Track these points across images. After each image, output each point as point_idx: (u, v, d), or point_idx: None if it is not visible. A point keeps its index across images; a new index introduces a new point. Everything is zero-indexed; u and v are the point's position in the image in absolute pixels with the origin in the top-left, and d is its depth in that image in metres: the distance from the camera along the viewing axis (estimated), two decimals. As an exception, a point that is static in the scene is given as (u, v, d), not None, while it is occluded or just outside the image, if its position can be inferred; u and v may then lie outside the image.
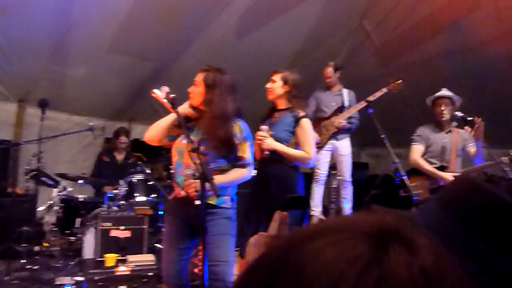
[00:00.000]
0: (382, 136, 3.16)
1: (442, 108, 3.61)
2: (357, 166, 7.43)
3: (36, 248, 4.09)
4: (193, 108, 2.50)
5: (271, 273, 0.40)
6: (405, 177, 3.03)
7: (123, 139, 5.02)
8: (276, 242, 0.44)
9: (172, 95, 2.42)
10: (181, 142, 2.41)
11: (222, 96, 2.41)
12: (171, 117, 2.46)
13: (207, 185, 2.08)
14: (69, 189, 4.26)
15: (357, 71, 6.06)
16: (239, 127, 2.46)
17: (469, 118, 3.33)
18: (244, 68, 5.81)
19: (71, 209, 4.19)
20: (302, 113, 2.85)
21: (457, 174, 3.48)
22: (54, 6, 4.18)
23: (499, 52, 4.90)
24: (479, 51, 4.99)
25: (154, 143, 2.55)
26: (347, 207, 4.43)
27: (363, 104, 4.06)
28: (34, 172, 4.00)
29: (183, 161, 2.39)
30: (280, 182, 2.71)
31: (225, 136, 2.38)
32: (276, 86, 2.89)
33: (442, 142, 3.68)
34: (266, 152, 2.77)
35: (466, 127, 3.55)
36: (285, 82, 2.88)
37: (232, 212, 2.44)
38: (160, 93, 2.46)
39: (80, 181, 4.30)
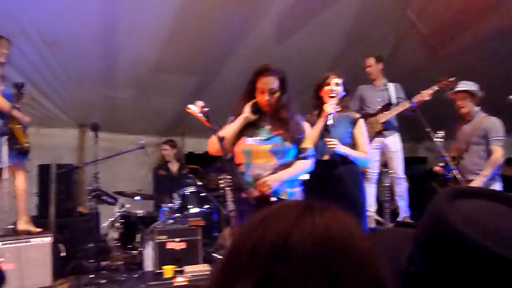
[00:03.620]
0: (427, 129, 3.01)
1: (459, 102, 3.67)
2: (414, 161, 7.11)
3: (103, 263, 4.34)
4: (256, 110, 2.52)
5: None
6: (455, 171, 2.86)
7: (166, 149, 5.22)
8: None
9: (205, 109, 2.48)
10: (246, 144, 2.46)
11: (292, 93, 2.53)
12: (233, 127, 2.51)
13: (244, 194, 2.12)
14: (127, 205, 4.48)
15: (405, 63, 5.82)
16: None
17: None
18: (288, 73, 5.80)
19: (131, 225, 4.41)
20: (357, 115, 2.99)
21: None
22: (101, 34, 4.44)
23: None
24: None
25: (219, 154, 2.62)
26: (402, 204, 4.25)
27: (409, 102, 3.91)
28: (96, 192, 4.26)
29: (253, 161, 2.43)
30: (349, 181, 2.80)
31: (298, 128, 2.47)
32: (340, 89, 2.97)
33: (464, 133, 3.71)
34: (326, 156, 2.84)
35: None
36: (342, 85, 2.98)
37: None
38: (195, 108, 2.53)
39: (137, 198, 4.50)
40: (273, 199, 2.25)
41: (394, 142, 4.33)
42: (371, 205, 4.29)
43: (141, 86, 5.31)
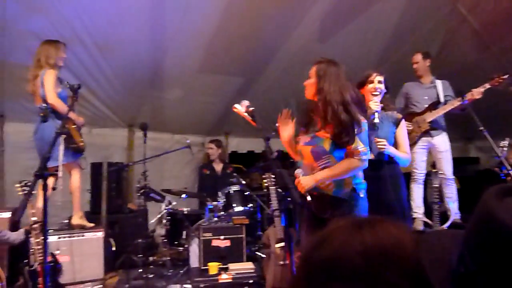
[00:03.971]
0: (481, 128, 2.89)
1: None
2: (465, 161, 6.82)
3: (150, 259, 4.49)
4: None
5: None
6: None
7: (212, 148, 5.31)
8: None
9: (251, 108, 2.51)
10: (299, 144, 2.54)
11: (332, 83, 2.39)
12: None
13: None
14: (174, 203, 4.61)
15: (455, 59, 5.61)
16: None
17: None
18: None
19: (177, 222, 4.53)
20: (399, 115, 2.98)
21: None
22: (149, 38, 4.60)
23: None
24: None
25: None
26: (452, 206, 4.09)
27: (460, 100, 3.76)
28: (144, 189, 4.41)
29: (303, 161, 2.51)
30: (395, 181, 2.84)
31: (348, 120, 2.31)
32: (383, 87, 2.93)
33: None
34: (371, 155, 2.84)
35: None
36: (383, 82, 2.95)
37: (356, 203, 2.39)
38: (240, 108, 2.57)
39: (183, 196, 4.62)
40: (308, 198, 2.27)
41: (442, 141, 4.18)
42: (418, 207, 4.16)
43: (186, 86, 5.44)
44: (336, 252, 0.60)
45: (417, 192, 4.19)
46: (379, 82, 2.90)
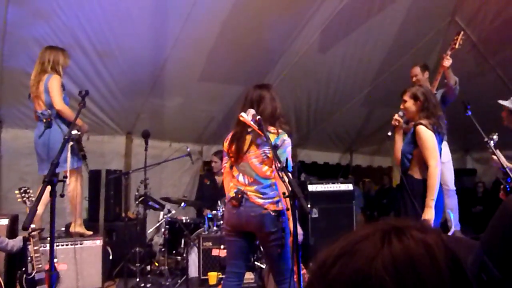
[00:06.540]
0: (486, 139, 2.90)
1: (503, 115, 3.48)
2: (462, 173, 6.86)
3: (148, 268, 4.43)
4: None
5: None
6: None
7: (216, 161, 5.22)
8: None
9: (258, 117, 2.51)
10: None
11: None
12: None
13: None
14: (173, 211, 4.56)
15: (454, 71, 5.66)
16: None
17: None
18: (331, 81, 5.78)
19: (176, 230, 4.48)
20: (418, 121, 2.93)
21: None
22: (149, 46, 4.60)
23: None
24: None
25: None
26: (453, 218, 4.08)
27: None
28: (142, 198, 4.36)
29: None
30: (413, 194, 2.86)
31: None
32: (408, 105, 3.04)
33: None
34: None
35: None
36: (415, 98, 3.00)
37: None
38: (247, 116, 2.56)
39: (182, 204, 4.58)
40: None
41: (444, 152, 4.17)
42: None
43: (186, 95, 5.43)
44: (362, 269, 0.54)
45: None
46: (403, 101, 3.10)
